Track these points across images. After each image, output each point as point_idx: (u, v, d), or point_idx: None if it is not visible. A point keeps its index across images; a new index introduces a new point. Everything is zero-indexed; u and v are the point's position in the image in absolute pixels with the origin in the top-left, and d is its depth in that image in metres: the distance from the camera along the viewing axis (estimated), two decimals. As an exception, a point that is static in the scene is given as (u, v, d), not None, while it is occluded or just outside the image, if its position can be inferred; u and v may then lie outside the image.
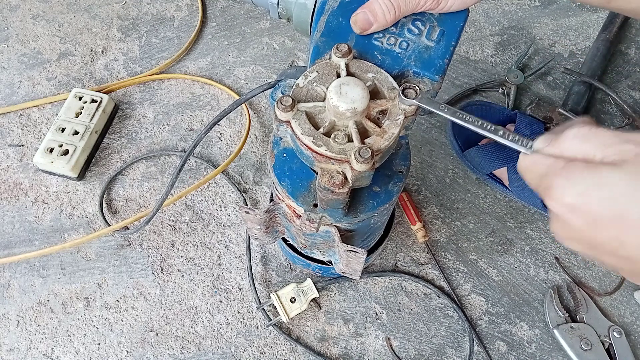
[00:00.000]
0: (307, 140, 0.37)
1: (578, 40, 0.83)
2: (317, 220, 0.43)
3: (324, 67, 0.40)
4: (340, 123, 0.38)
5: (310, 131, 0.37)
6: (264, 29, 0.84)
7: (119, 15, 0.85)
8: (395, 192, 0.44)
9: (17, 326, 0.61)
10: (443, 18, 0.42)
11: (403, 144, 0.46)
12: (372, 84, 0.39)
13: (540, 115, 0.71)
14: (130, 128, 0.74)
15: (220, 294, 0.63)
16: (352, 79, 0.38)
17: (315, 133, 0.37)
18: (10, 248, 0.65)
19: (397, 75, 0.41)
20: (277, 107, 0.37)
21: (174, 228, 0.67)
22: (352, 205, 0.43)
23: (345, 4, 0.43)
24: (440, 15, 0.42)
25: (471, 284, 0.64)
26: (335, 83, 0.37)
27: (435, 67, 0.41)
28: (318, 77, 0.40)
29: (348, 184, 0.37)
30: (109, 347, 0.60)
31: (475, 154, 0.69)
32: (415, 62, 0.41)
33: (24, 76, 0.78)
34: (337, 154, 0.36)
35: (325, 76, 0.39)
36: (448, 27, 0.42)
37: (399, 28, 0.42)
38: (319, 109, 0.38)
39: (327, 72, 0.40)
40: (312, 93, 0.39)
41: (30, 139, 0.73)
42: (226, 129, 0.74)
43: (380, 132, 0.37)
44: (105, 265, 0.65)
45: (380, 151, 0.37)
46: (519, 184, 0.66)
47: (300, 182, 0.43)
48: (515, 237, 0.67)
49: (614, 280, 0.64)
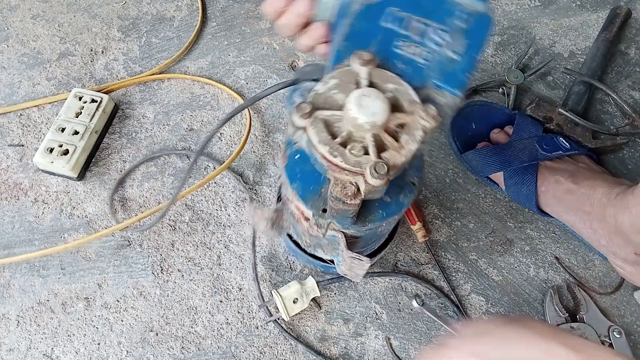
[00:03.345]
0: (323, 150, 0.36)
1: (578, 40, 0.83)
2: (325, 225, 0.42)
3: (345, 74, 0.39)
4: (358, 134, 0.37)
5: (327, 140, 0.36)
6: (264, 29, 0.84)
7: (119, 15, 0.85)
8: (405, 203, 0.43)
9: (17, 326, 0.61)
10: (468, 29, 0.40)
11: (417, 155, 0.45)
12: (392, 95, 0.38)
13: (540, 115, 0.71)
14: (130, 128, 0.74)
15: (220, 294, 0.63)
16: (373, 91, 0.37)
17: (331, 143, 0.36)
18: (10, 248, 0.65)
19: (418, 87, 0.39)
20: (295, 113, 0.37)
21: (174, 228, 0.67)
22: (361, 214, 0.42)
23: (369, 9, 0.41)
24: (467, 25, 0.40)
25: (471, 284, 0.64)
26: (356, 94, 0.36)
27: (458, 81, 0.39)
28: (338, 85, 0.39)
29: (360, 196, 0.36)
30: (109, 347, 0.60)
31: (473, 157, 0.69)
32: (438, 74, 0.39)
33: (24, 76, 0.78)
34: (353, 166, 0.35)
35: (345, 84, 0.38)
36: (472, 39, 0.40)
37: (423, 36, 0.40)
38: (336, 117, 0.38)
39: (347, 79, 0.38)
40: (330, 101, 0.38)
41: (30, 139, 0.73)
42: (226, 128, 0.74)
43: (397, 147, 0.36)
44: (105, 265, 0.65)
45: (397, 167, 0.36)
46: (515, 188, 0.66)
47: (311, 185, 0.43)
48: (515, 237, 0.67)
49: (614, 280, 0.64)
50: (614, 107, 0.77)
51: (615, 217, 0.57)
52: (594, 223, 0.60)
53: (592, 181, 0.62)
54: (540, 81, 0.80)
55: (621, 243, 0.59)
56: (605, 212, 0.58)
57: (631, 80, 0.79)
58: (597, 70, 0.77)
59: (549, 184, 0.64)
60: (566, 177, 0.63)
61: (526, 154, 0.66)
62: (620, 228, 0.57)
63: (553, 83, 0.80)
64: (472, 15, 0.39)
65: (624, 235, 0.57)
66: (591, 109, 0.77)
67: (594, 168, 0.66)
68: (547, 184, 0.64)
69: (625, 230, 0.56)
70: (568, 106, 0.73)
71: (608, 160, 0.72)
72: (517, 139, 0.68)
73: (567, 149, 0.66)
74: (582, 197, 0.61)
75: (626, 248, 0.58)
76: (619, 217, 0.56)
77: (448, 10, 0.40)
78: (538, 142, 0.67)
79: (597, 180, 0.62)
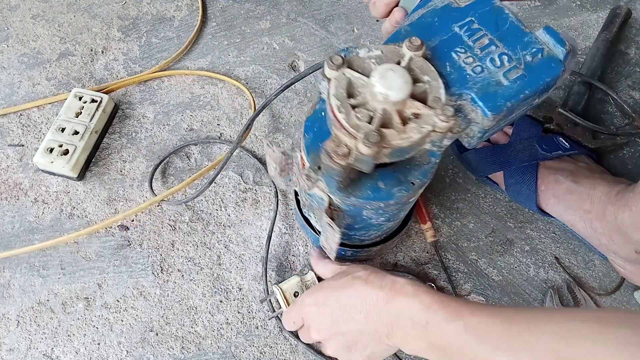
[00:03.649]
0: (333, 103, 0.38)
1: (578, 40, 0.83)
2: (314, 180, 0.44)
3: (390, 50, 0.40)
4: (372, 105, 0.38)
5: (341, 96, 0.38)
6: (264, 29, 0.84)
7: (119, 15, 0.85)
8: (396, 197, 0.44)
9: (17, 326, 0.61)
10: (533, 65, 0.40)
11: (431, 161, 0.45)
12: (423, 87, 0.39)
13: (540, 115, 0.71)
14: (130, 128, 0.74)
15: (220, 294, 0.63)
16: (400, 69, 0.38)
17: (344, 100, 0.38)
18: (10, 248, 0.65)
19: (454, 93, 0.40)
20: (326, 63, 0.38)
21: (174, 228, 0.67)
22: (350, 186, 0.44)
23: (448, 9, 0.43)
24: (534, 61, 0.40)
25: (471, 283, 0.64)
26: (385, 66, 0.38)
27: (495, 104, 0.39)
28: (379, 56, 0.40)
29: (348, 160, 0.37)
30: (109, 347, 0.60)
31: (472, 157, 0.69)
32: (478, 90, 0.39)
33: (24, 76, 0.78)
34: (351, 127, 0.37)
35: (387, 59, 0.40)
36: (531, 75, 0.39)
37: (483, 53, 0.41)
38: (362, 82, 0.39)
39: (391, 56, 0.40)
40: (364, 66, 0.40)
41: (30, 138, 0.73)
42: (226, 128, 0.74)
43: (400, 129, 0.37)
44: (105, 265, 0.65)
45: (391, 146, 0.37)
46: (514, 188, 0.66)
47: (319, 141, 0.44)
48: (515, 237, 0.67)
49: (614, 280, 0.64)
50: (614, 107, 0.77)
51: (616, 216, 0.57)
52: (594, 222, 0.60)
53: (592, 180, 0.62)
54: (540, 81, 0.80)
55: (621, 241, 0.59)
56: (605, 210, 0.58)
57: (631, 80, 0.79)
58: (597, 70, 0.77)
59: (548, 183, 0.64)
60: (566, 176, 0.63)
61: (526, 153, 0.66)
62: (620, 226, 0.57)
63: (553, 83, 0.80)
64: (545, 56, 0.40)
65: (624, 234, 0.57)
66: (591, 109, 0.77)
67: (593, 167, 0.66)
68: (546, 183, 0.64)
69: (626, 229, 0.56)
70: (568, 106, 0.73)
71: (608, 160, 0.72)
72: (516, 139, 0.68)
73: (567, 148, 0.66)
74: (582, 196, 0.61)
75: (627, 246, 0.58)
76: (619, 215, 0.57)
77: (525, 43, 0.40)
78: (538, 142, 0.67)
79: (597, 179, 0.62)
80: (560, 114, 0.71)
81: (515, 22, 0.42)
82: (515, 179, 0.66)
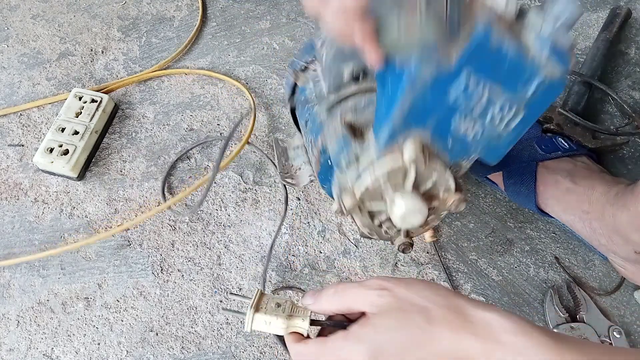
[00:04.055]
0: (364, 230, 0.48)
1: (578, 40, 0.83)
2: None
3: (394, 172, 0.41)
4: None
5: (369, 224, 0.47)
6: (264, 29, 0.84)
7: (119, 15, 0.85)
8: None
9: (17, 326, 0.61)
10: (535, 99, 0.37)
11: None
12: (432, 185, 0.42)
13: (540, 115, 0.71)
14: (130, 128, 0.74)
15: (220, 294, 0.63)
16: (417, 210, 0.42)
17: (372, 226, 0.47)
18: (10, 248, 0.65)
19: (458, 161, 0.42)
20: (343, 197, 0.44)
21: (174, 228, 0.67)
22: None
23: (440, 74, 0.36)
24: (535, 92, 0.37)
25: (471, 284, 0.64)
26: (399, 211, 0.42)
27: (496, 155, 0.39)
28: (386, 179, 0.42)
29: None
30: (109, 347, 0.60)
31: None
32: (480, 149, 0.39)
33: (24, 76, 0.78)
34: (385, 240, 0.49)
35: (393, 179, 0.42)
36: (533, 109, 0.37)
37: (484, 111, 0.37)
38: (379, 210, 0.46)
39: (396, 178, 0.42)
40: (375, 194, 0.43)
41: (30, 138, 0.73)
42: (226, 128, 0.74)
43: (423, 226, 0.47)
44: (105, 265, 0.65)
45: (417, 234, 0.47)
46: (514, 189, 0.66)
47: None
48: (515, 237, 0.67)
49: (614, 280, 0.64)
50: (613, 107, 0.77)
51: (614, 216, 0.57)
52: (593, 222, 0.60)
53: (591, 181, 0.62)
54: (540, 81, 0.80)
55: (621, 242, 0.59)
56: (604, 211, 0.58)
57: (631, 80, 0.79)
58: (597, 70, 0.77)
59: (547, 184, 0.64)
60: (565, 177, 0.63)
61: (525, 154, 0.66)
62: (619, 227, 0.57)
63: (553, 83, 0.80)
64: (547, 84, 0.36)
65: (623, 234, 0.57)
66: (591, 109, 0.77)
67: (592, 167, 0.66)
68: (546, 183, 0.64)
69: (624, 229, 0.56)
70: (568, 106, 0.73)
71: (608, 160, 0.72)
72: None
73: (566, 149, 0.66)
74: (581, 196, 0.61)
75: (626, 247, 0.58)
76: (617, 216, 0.56)
77: (526, 79, 0.36)
78: (537, 142, 0.67)
79: (596, 180, 0.62)
80: (560, 114, 0.71)
81: (514, 57, 0.35)
82: (514, 180, 0.65)
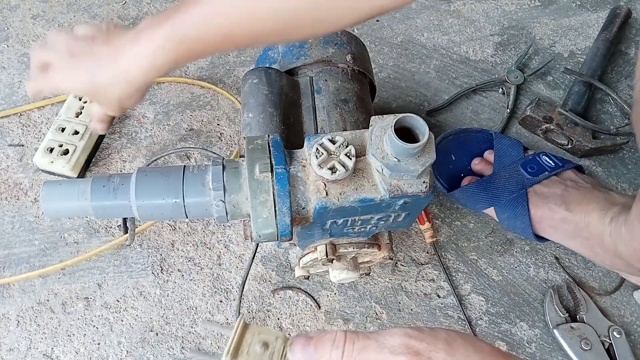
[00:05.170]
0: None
1: (578, 40, 0.84)
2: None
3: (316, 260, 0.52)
4: None
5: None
6: (264, 29, 0.83)
7: (119, 15, 0.85)
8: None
9: (17, 326, 0.61)
10: (407, 206, 0.43)
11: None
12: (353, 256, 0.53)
13: (540, 115, 0.71)
14: (130, 128, 0.74)
15: (220, 294, 0.63)
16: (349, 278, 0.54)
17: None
18: (10, 248, 0.65)
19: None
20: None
21: (174, 228, 0.67)
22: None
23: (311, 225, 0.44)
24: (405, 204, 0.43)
25: (471, 283, 0.64)
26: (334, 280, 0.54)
27: (405, 225, 0.49)
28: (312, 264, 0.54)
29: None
30: (109, 347, 0.60)
31: (460, 195, 0.67)
32: (386, 229, 0.49)
33: (24, 76, 0.78)
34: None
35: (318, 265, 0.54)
36: (412, 209, 0.44)
37: (364, 220, 0.45)
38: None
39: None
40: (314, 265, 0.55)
41: (30, 138, 0.73)
42: (226, 128, 0.74)
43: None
44: (105, 265, 0.65)
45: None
46: (508, 222, 0.64)
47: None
48: (515, 237, 0.67)
49: (614, 280, 0.64)
50: (614, 107, 0.77)
51: (614, 245, 0.56)
52: (595, 248, 0.59)
53: (585, 205, 0.60)
54: (540, 81, 0.80)
55: (624, 266, 0.58)
56: (602, 238, 0.57)
57: (631, 80, 0.79)
58: (597, 70, 0.77)
59: (542, 213, 0.62)
60: (559, 204, 0.61)
61: (512, 182, 0.64)
62: (621, 255, 0.56)
63: (553, 83, 0.80)
64: (412, 197, 0.41)
65: (627, 261, 0.56)
66: (591, 109, 0.77)
67: (582, 184, 0.64)
68: (540, 213, 0.62)
69: (625, 259, 0.55)
70: (568, 106, 0.73)
71: (608, 160, 0.72)
72: (500, 167, 0.66)
73: (552, 167, 0.65)
74: (578, 224, 0.59)
75: (629, 269, 0.58)
76: (617, 245, 0.55)
77: (384, 207, 0.43)
78: (522, 165, 0.65)
79: (590, 204, 0.60)
80: (561, 114, 0.71)
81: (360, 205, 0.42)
82: (508, 214, 0.63)
